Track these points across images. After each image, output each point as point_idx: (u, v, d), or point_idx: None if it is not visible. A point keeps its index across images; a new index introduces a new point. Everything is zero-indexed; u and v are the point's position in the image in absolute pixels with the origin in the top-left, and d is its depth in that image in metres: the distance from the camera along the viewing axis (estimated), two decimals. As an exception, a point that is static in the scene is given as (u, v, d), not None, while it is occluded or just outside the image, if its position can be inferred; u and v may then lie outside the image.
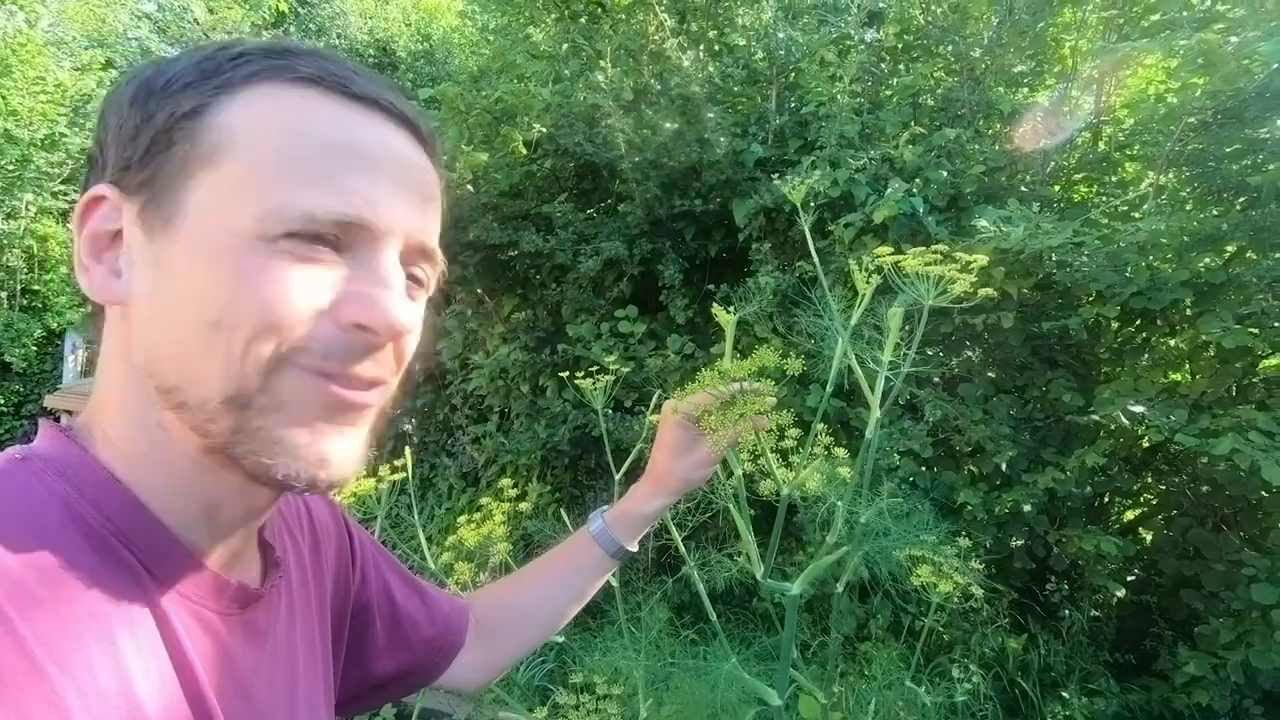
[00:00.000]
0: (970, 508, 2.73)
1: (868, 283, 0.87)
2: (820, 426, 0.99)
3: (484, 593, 0.81)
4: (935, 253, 0.88)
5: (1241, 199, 2.72)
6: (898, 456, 2.72)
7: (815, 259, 1.00)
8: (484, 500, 1.07)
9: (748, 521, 0.90)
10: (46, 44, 5.35)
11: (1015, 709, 2.55)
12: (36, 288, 6.24)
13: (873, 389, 0.91)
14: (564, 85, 3.21)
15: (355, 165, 0.41)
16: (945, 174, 2.81)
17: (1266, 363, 2.73)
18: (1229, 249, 2.67)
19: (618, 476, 1.23)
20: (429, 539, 1.09)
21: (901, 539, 0.94)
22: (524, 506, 1.09)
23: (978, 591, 0.90)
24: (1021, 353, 3.02)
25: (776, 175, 2.94)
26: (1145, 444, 3.07)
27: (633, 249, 3.21)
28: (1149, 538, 3.20)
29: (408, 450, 1.16)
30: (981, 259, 0.90)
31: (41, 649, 0.34)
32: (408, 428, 4.17)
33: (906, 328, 0.91)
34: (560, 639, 1.08)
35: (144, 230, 0.40)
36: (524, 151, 3.10)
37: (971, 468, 2.94)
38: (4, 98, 4.60)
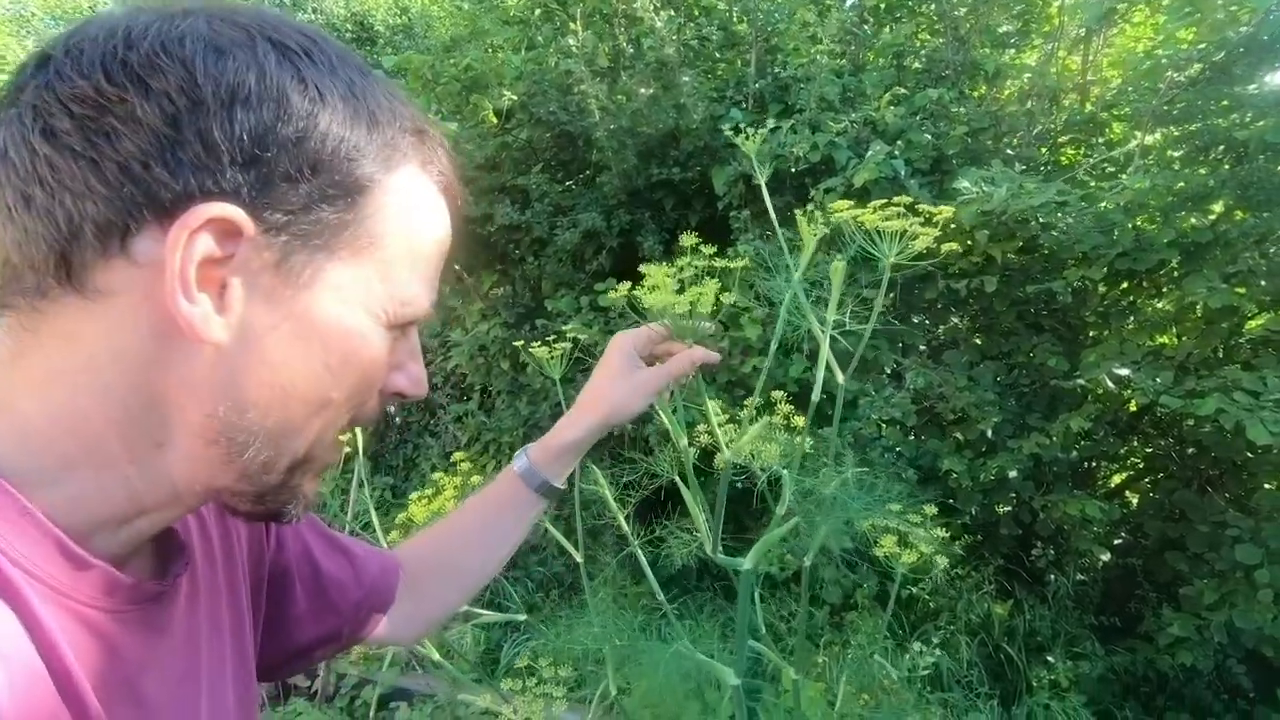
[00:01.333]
0: (955, 475, 2.70)
1: (813, 234, 0.82)
2: (779, 395, 0.94)
3: (412, 542, 0.77)
4: (897, 206, 0.82)
5: (1229, 156, 2.66)
6: (881, 425, 2.69)
7: (771, 214, 0.94)
8: (435, 475, 1.02)
9: (697, 494, 0.86)
10: (6, 20, 5.18)
11: (1000, 674, 2.56)
12: None
13: (854, 351, 0.86)
14: (536, 52, 3.10)
15: (441, 263, 0.46)
16: (928, 136, 2.74)
17: (1252, 323, 2.70)
18: (1216, 208, 2.62)
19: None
20: (410, 519, 1.04)
21: (859, 511, 0.89)
22: (476, 481, 1.05)
23: (943, 562, 0.85)
24: (1007, 318, 2.98)
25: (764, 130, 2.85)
26: (1132, 408, 3.05)
27: (611, 220, 3.14)
28: (1135, 501, 3.19)
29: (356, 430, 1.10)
30: (947, 211, 0.84)
31: None
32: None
33: (865, 287, 0.85)
34: (522, 618, 1.04)
35: (268, 279, 0.38)
36: (495, 121, 3.01)
37: (957, 435, 2.91)
38: (-37, 77, 4.44)
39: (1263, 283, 2.44)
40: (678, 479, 0.87)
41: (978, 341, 3.15)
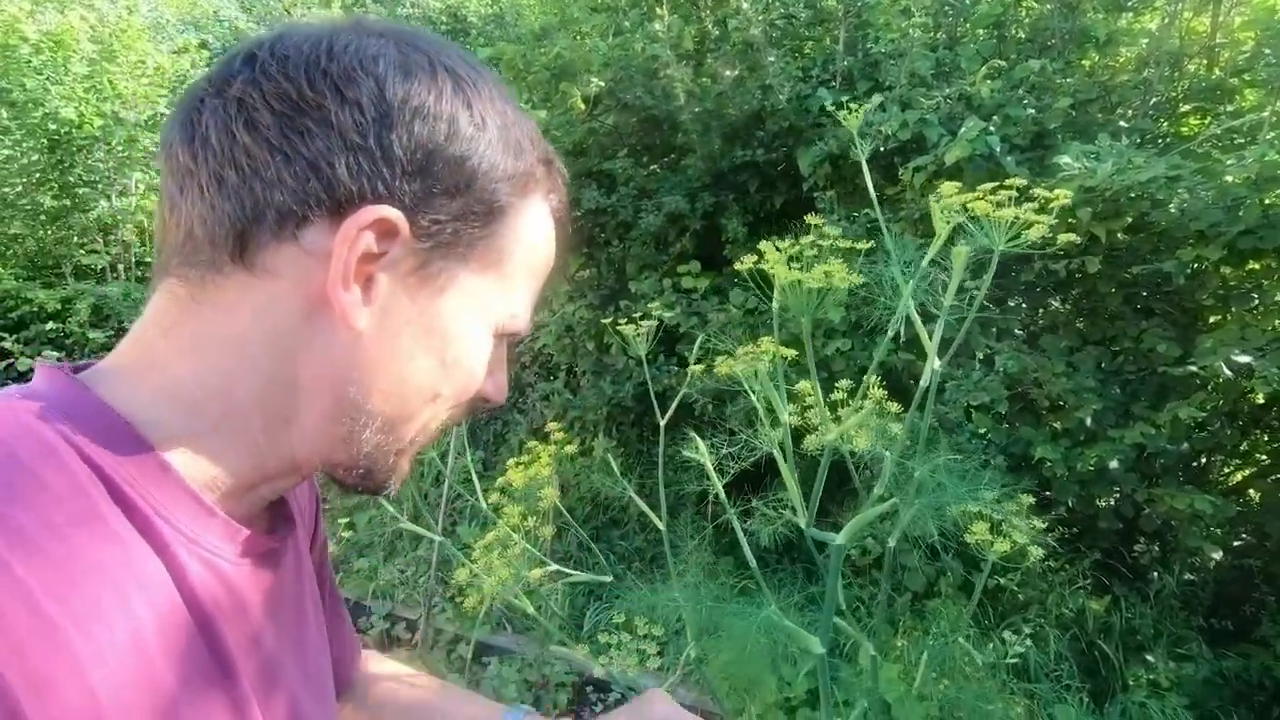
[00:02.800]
0: (1050, 464, 2.60)
1: (946, 223, 0.82)
2: (872, 379, 0.96)
3: (387, 678, 0.74)
4: (1010, 189, 0.81)
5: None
6: (971, 410, 2.61)
7: (872, 196, 0.96)
8: (531, 444, 1.10)
9: (793, 470, 0.89)
10: (145, 28, 5.66)
11: (1094, 670, 2.46)
12: (149, 259, 6.74)
13: (932, 336, 0.87)
14: (623, 38, 3.14)
15: (543, 283, 0.50)
16: (1029, 110, 2.60)
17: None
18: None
19: (662, 423, 1.23)
20: (508, 484, 1.12)
21: (958, 495, 0.90)
22: (570, 449, 1.11)
23: (1037, 551, 0.85)
24: (1113, 301, 2.82)
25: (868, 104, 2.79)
26: (1258, 399, 2.83)
27: (695, 203, 3.16)
28: (1257, 499, 2.96)
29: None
30: (1064, 195, 0.82)
31: (49, 600, 0.32)
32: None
33: (981, 275, 0.85)
34: (608, 579, 1.11)
35: (411, 279, 0.42)
36: (583, 107, 3.08)
37: (1053, 423, 2.79)
38: (111, 83, 4.89)
39: None
40: (777, 452, 0.90)
41: (1079, 326, 2.99)
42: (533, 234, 0.46)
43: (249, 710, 0.41)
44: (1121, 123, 3.01)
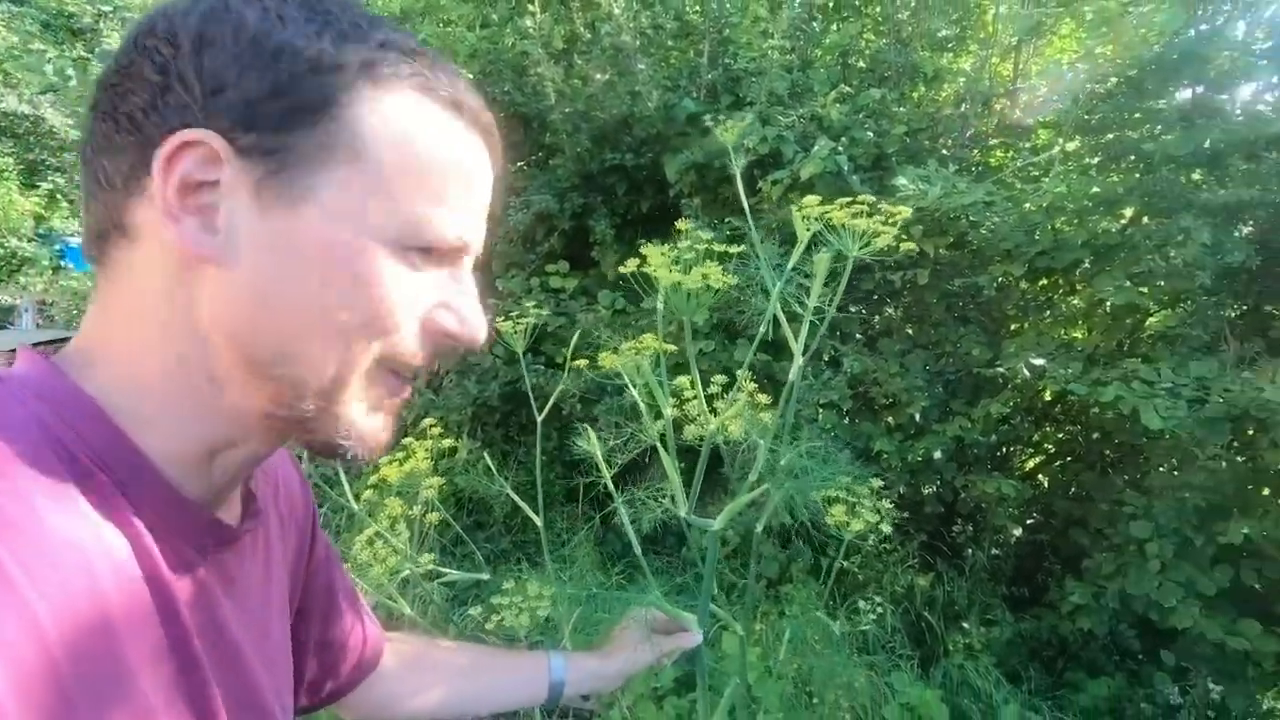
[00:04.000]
0: (886, 455, 2.88)
1: (807, 230, 0.90)
2: (744, 373, 1.02)
3: (437, 650, 0.82)
4: (861, 204, 0.90)
5: (1138, 165, 2.89)
6: (820, 409, 2.83)
7: (745, 206, 1.02)
8: (406, 440, 1.06)
9: (674, 461, 0.93)
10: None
11: (921, 639, 2.75)
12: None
13: (797, 336, 0.95)
14: (491, 30, 3.09)
15: (469, 190, 0.45)
16: (870, 134, 2.88)
17: (1152, 319, 2.96)
18: (1126, 212, 2.85)
19: (539, 419, 1.24)
20: (356, 495, 1.08)
21: (819, 481, 0.99)
22: (446, 444, 1.10)
23: (887, 529, 0.96)
24: (937, 309, 3.17)
25: (707, 131, 2.94)
26: (1047, 396, 3.29)
27: (564, 203, 3.17)
28: (1046, 482, 3.46)
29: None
30: (905, 211, 0.93)
31: (17, 569, 0.33)
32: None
33: (834, 280, 0.93)
34: (486, 576, 1.10)
35: (258, 200, 0.39)
36: (449, 98, 2.99)
37: (888, 419, 3.09)
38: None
39: (1161, 283, 2.68)
40: (659, 444, 0.94)
41: (910, 331, 3.34)
42: (404, 129, 0.41)
43: (208, 693, 0.41)
44: (944, 151, 3.41)
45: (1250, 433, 2.48)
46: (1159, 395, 2.22)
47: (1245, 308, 2.68)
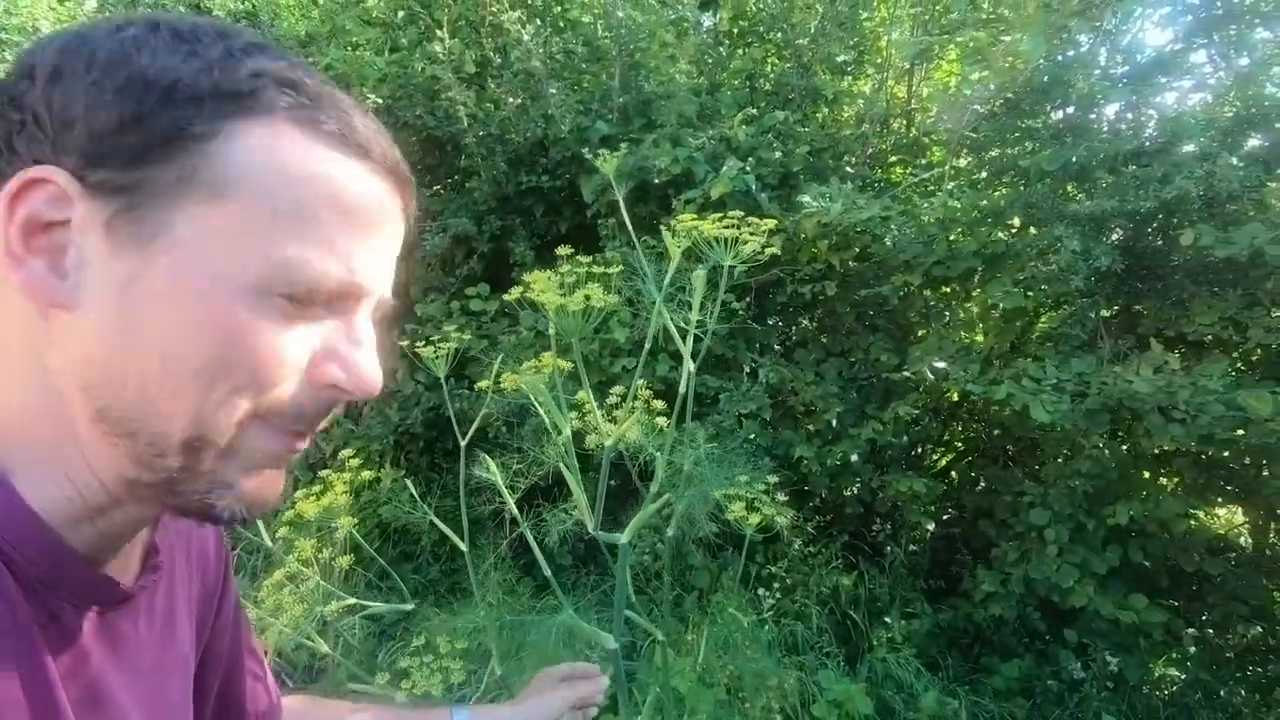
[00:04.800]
0: (806, 461, 2.99)
1: (678, 246, 0.95)
2: (640, 382, 1.06)
3: (335, 709, 0.77)
4: (730, 218, 0.97)
5: (1019, 180, 3.14)
6: (741, 419, 2.92)
7: (630, 230, 1.07)
8: (323, 473, 1.05)
9: (577, 477, 0.96)
10: None
11: (847, 637, 2.85)
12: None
13: (688, 348, 1.00)
14: (400, 55, 3.08)
15: (360, 231, 0.41)
16: (777, 154, 3.01)
17: (1041, 322, 3.19)
18: (1013, 223, 3.08)
19: (463, 443, 1.25)
20: (299, 515, 1.05)
21: (717, 483, 1.04)
22: (366, 475, 1.09)
23: (782, 520, 1.01)
24: (847, 319, 3.33)
25: (621, 151, 3.01)
26: (953, 397, 3.49)
27: (482, 225, 3.17)
28: (956, 478, 3.66)
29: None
30: (770, 223, 1.00)
31: None
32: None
33: (726, 293, 0.98)
34: (409, 607, 1.10)
35: (109, 240, 0.36)
36: (359, 123, 2.96)
37: (807, 426, 3.21)
38: None
39: (1045, 287, 2.91)
40: (560, 463, 0.97)
41: (824, 340, 3.49)
42: (271, 162, 0.38)
43: None
44: (847, 169, 3.60)
45: (1128, 421, 2.71)
46: (1045, 391, 2.40)
47: (1117, 308, 2.93)
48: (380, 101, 2.97)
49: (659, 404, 1.05)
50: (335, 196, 0.40)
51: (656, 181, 2.94)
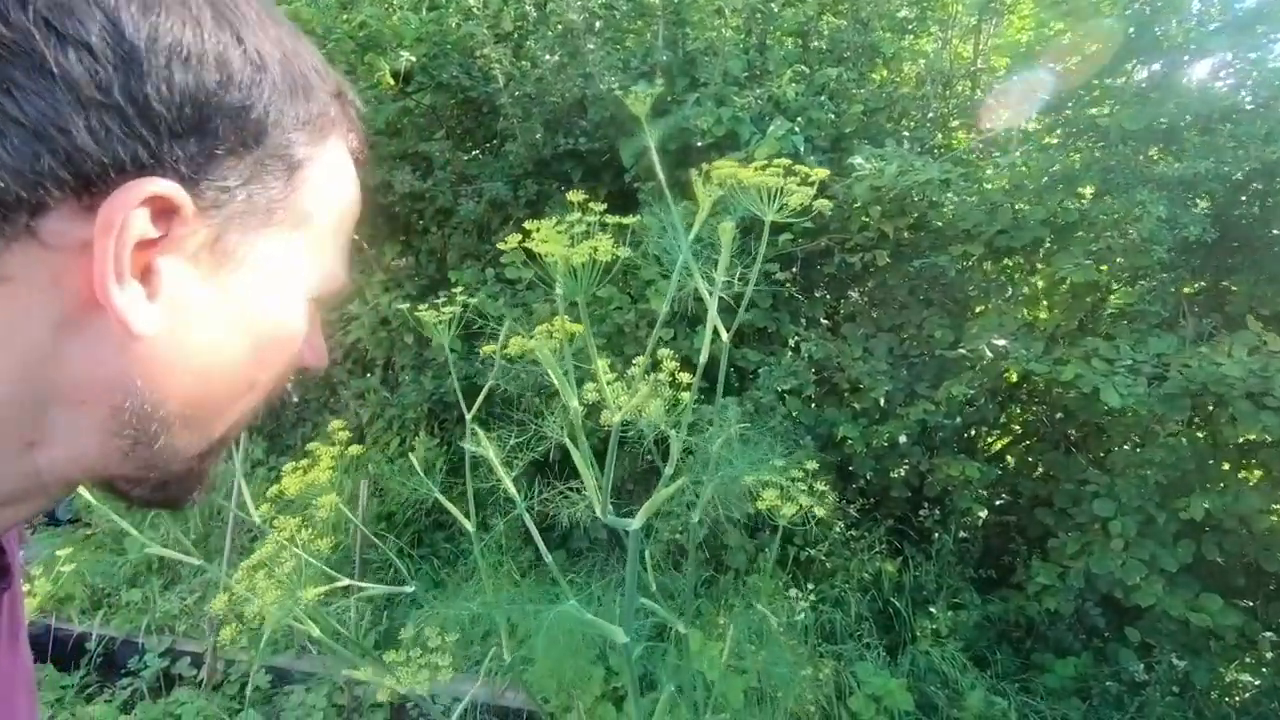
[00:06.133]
0: (851, 441, 2.84)
1: (708, 195, 0.83)
2: (665, 352, 0.95)
3: None
4: (775, 166, 0.84)
5: (1096, 142, 2.87)
6: (783, 395, 2.78)
7: (660, 175, 0.95)
8: (311, 445, 0.97)
9: (586, 455, 0.86)
10: None
11: (889, 626, 2.72)
12: None
13: (714, 310, 0.88)
14: (437, 12, 2.98)
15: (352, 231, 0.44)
16: (829, 114, 2.82)
17: (1112, 297, 2.95)
18: (1085, 191, 2.83)
19: (469, 416, 1.16)
20: (281, 493, 0.99)
21: (749, 467, 0.92)
22: (354, 451, 1.01)
23: (820, 511, 0.89)
24: (900, 292, 3.13)
25: (664, 113, 2.86)
26: (1012, 378, 3.28)
27: (518, 190, 3.08)
28: (1012, 463, 3.45)
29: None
30: (822, 172, 0.86)
31: None
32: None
33: (769, 262, 0.86)
34: (409, 589, 1.02)
35: (203, 262, 0.35)
36: (392, 83, 2.88)
37: (853, 404, 3.05)
38: None
39: (1120, 260, 2.66)
40: (567, 440, 0.87)
41: (874, 315, 3.30)
42: (336, 183, 0.41)
43: None
44: (904, 132, 3.37)
45: (1209, 408, 2.47)
46: (1118, 373, 2.19)
47: (1202, 283, 2.68)
48: (415, 60, 2.88)
49: (685, 376, 0.93)
50: (355, 211, 0.44)
51: (699, 144, 2.79)
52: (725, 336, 0.89)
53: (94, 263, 0.31)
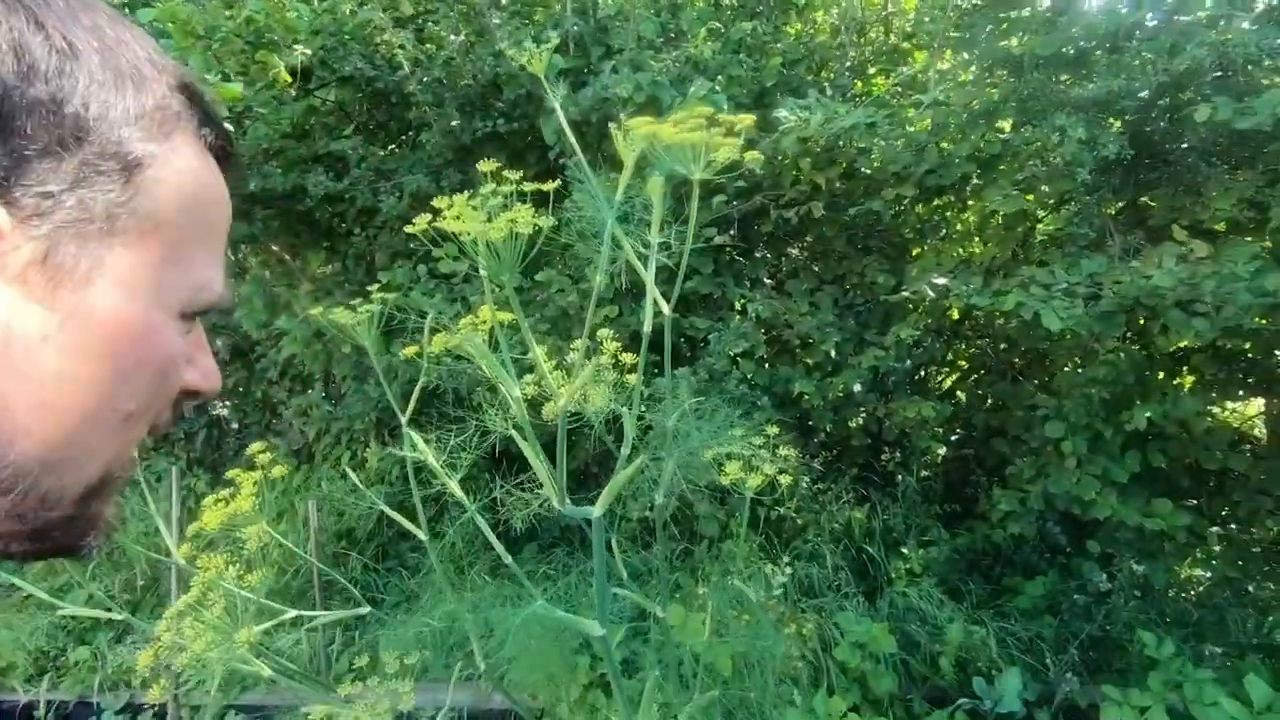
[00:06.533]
0: (807, 396, 2.85)
1: (630, 150, 0.77)
2: (605, 332, 0.90)
3: None
4: (697, 118, 0.78)
5: (1011, 73, 2.90)
6: (736, 359, 2.76)
7: (575, 144, 0.88)
8: (231, 473, 0.89)
9: (535, 447, 0.80)
10: None
11: (864, 571, 2.76)
12: None
13: (651, 274, 0.82)
14: (330, 2, 2.81)
15: (226, 237, 0.41)
16: (748, 70, 2.78)
17: (1042, 225, 3.01)
18: (1006, 125, 2.87)
19: (404, 419, 1.09)
20: (201, 530, 0.90)
21: (709, 439, 0.87)
22: (278, 473, 0.93)
23: (785, 480, 0.86)
24: (838, 243, 3.14)
25: (582, 85, 2.77)
26: (955, 315, 3.34)
27: (440, 181, 2.95)
28: (964, 398, 3.53)
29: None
30: (748, 119, 0.81)
31: None
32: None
33: (705, 226, 0.81)
34: (364, 611, 0.95)
35: (38, 282, 0.31)
36: (288, 79, 2.71)
37: (805, 360, 3.06)
38: None
39: (1045, 187, 2.71)
40: (513, 432, 0.80)
41: (815, 269, 3.30)
42: (191, 183, 0.36)
43: None
44: (825, 83, 3.35)
45: (1142, 321, 2.55)
46: (1055, 297, 2.23)
47: (1124, 202, 2.74)
48: (312, 54, 2.71)
49: (629, 357, 0.88)
50: (225, 211, 0.40)
51: (621, 114, 2.71)
52: (666, 308, 0.84)
53: None
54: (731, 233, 3.09)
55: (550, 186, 0.71)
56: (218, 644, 0.69)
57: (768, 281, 3.32)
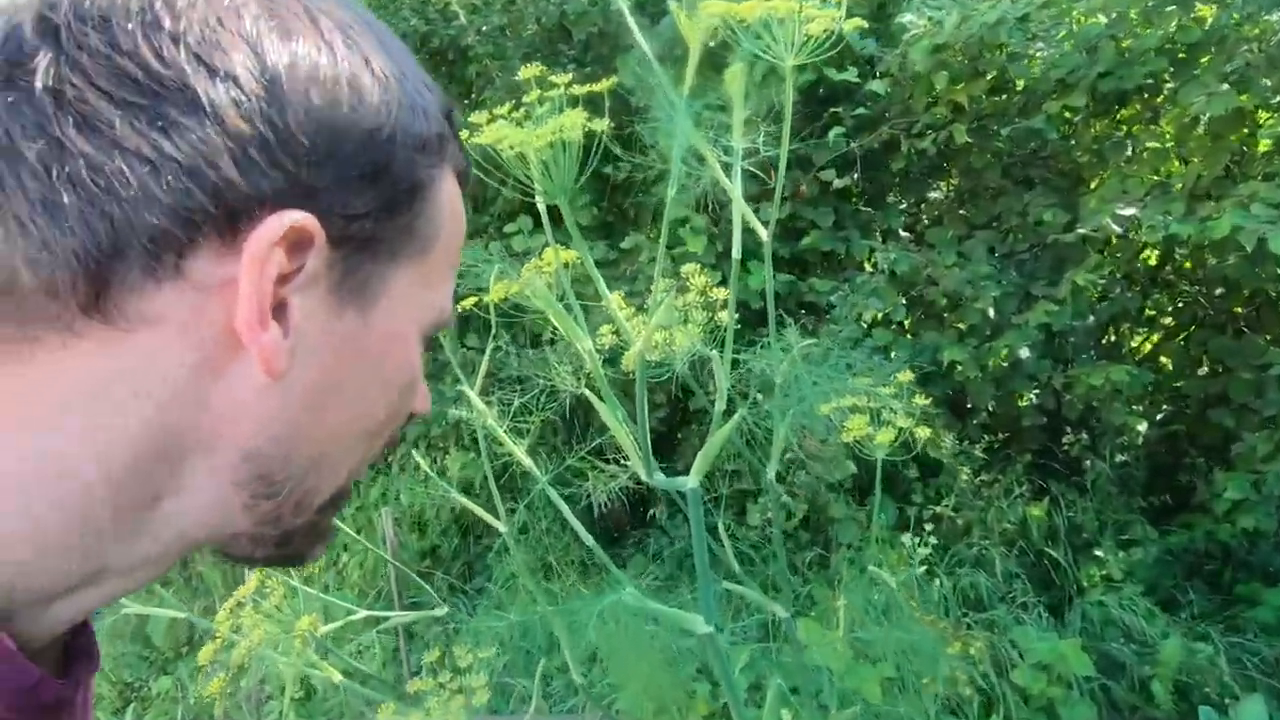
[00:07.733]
0: (960, 366, 2.74)
1: (696, 27, 0.77)
2: (691, 267, 0.90)
3: None
4: None
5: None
6: (867, 325, 2.70)
7: (645, 49, 0.89)
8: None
9: (613, 406, 0.81)
10: None
11: (1048, 580, 2.63)
12: None
13: (736, 186, 0.82)
14: (378, -47, 2.97)
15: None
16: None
17: (1264, 130, 2.74)
18: (1205, 10, 2.63)
19: (474, 390, 1.14)
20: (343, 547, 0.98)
21: (824, 387, 0.86)
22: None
23: (924, 433, 0.83)
24: (990, 177, 3.00)
25: (663, 12, 2.78)
26: (1150, 259, 3.11)
27: (509, 146, 3.05)
28: (1169, 363, 3.28)
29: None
30: None
31: None
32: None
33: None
34: (440, 612, 1.00)
35: (334, 298, 0.37)
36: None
37: (956, 324, 2.94)
38: None
39: (1266, 81, 2.46)
40: (587, 392, 0.82)
41: (963, 212, 3.17)
42: (451, 208, 0.42)
43: None
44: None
45: None
46: (1288, 215, 2.03)
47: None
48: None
49: (719, 292, 0.88)
50: (463, 234, 0.45)
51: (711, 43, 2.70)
52: (763, 231, 0.83)
53: (239, 302, 0.34)
54: (855, 175, 3.02)
55: (605, 86, 0.72)
56: (276, 636, 0.75)
57: (904, 234, 3.22)
